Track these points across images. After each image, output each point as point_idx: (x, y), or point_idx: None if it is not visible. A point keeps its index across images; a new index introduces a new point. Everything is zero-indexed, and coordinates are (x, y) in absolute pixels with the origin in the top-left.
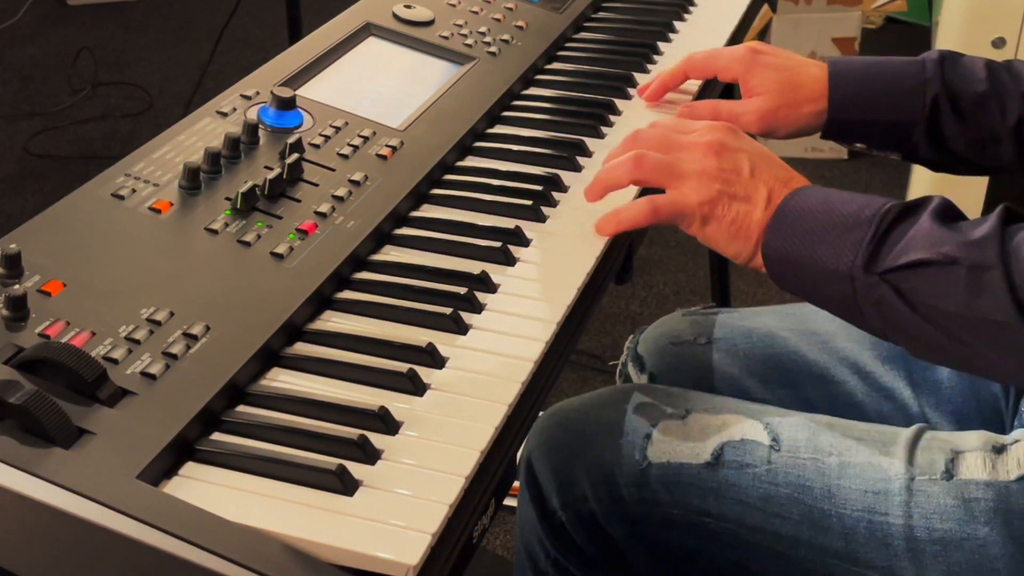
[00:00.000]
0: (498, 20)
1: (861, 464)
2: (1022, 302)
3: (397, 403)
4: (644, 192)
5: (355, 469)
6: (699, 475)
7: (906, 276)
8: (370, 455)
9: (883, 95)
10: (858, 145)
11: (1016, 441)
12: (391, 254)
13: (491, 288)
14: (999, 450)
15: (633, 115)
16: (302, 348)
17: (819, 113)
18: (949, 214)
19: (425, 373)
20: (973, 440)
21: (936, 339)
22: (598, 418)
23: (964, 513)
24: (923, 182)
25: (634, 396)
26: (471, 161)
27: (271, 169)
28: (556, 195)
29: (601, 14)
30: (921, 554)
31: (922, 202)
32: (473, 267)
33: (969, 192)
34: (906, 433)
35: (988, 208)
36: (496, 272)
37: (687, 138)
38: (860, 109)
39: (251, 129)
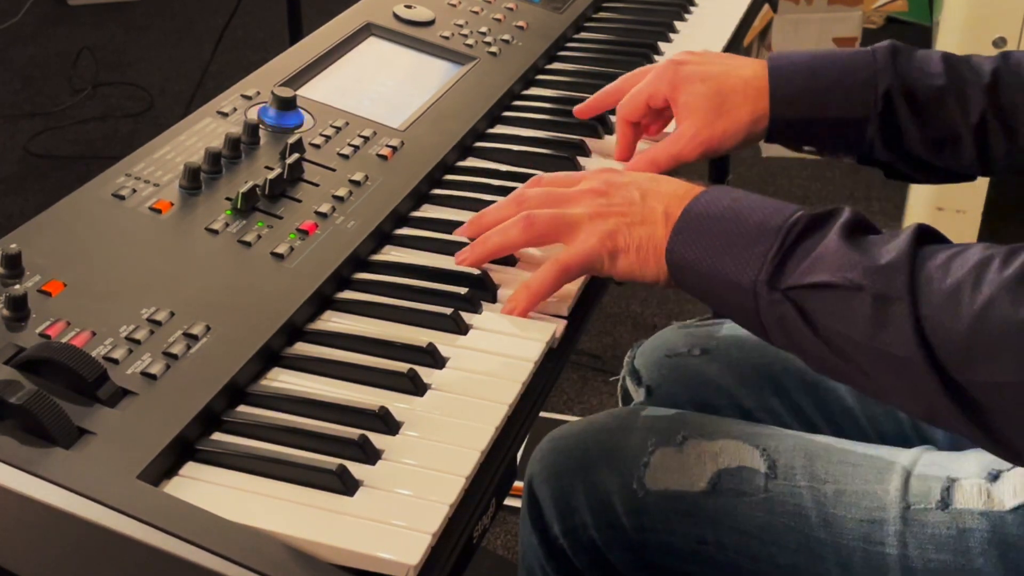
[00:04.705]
0: (499, 20)
1: (857, 492)
2: (927, 339)
3: (397, 403)
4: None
5: (355, 469)
6: (696, 503)
7: (809, 296)
8: (370, 455)
9: (832, 89)
10: (807, 148)
11: (1012, 467)
12: (391, 254)
13: (491, 288)
14: (995, 477)
15: None
16: (302, 348)
17: (760, 117)
18: (859, 228)
19: (425, 373)
20: (970, 466)
21: (835, 363)
22: (596, 445)
23: (960, 544)
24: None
25: (631, 422)
26: (471, 161)
27: (271, 169)
28: None
29: (601, 14)
30: None
31: (832, 214)
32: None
33: (969, 197)
34: (903, 457)
35: (987, 213)
36: (497, 272)
37: (572, 190)
38: (806, 107)
39: (251, 129)
